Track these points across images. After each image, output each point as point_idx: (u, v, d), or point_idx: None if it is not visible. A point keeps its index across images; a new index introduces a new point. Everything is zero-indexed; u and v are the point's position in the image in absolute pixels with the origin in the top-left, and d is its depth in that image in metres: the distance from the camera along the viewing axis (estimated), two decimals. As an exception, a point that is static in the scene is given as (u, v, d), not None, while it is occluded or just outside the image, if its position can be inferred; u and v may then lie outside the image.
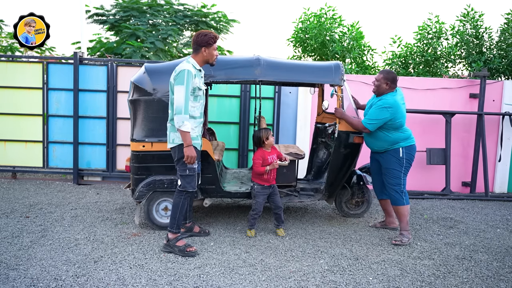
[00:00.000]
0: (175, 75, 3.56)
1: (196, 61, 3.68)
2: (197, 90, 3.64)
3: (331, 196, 4.73)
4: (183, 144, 3.54)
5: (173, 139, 3.63)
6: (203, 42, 3.62)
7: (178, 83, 3.50)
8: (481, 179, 6.62)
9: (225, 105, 6.68)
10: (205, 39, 3.62)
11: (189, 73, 3.50)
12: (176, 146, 3.62)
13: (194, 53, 3.69)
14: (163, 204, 4.33)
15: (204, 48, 3.64)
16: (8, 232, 4.13)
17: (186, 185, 3.65)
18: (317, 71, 4.56)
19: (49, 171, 6.75)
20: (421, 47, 8.66)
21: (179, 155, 3.62)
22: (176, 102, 3.48)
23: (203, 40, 3.62)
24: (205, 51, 3.66)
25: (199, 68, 3.71)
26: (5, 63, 6.66)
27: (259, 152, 4.24)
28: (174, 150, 3.66)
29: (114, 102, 6.57)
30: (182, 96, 3.46)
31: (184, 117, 3.45)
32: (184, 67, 3.53)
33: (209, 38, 3.63)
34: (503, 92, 6.73)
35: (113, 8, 11.88)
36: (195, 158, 3.55)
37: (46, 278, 3.15)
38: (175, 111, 3.47)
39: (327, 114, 5.33)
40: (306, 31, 9.10)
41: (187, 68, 3.52)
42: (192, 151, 3.52)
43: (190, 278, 3.22)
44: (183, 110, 3.45)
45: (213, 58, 3.73)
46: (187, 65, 3.57)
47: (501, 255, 3.96)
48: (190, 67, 3.57)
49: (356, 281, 3.28)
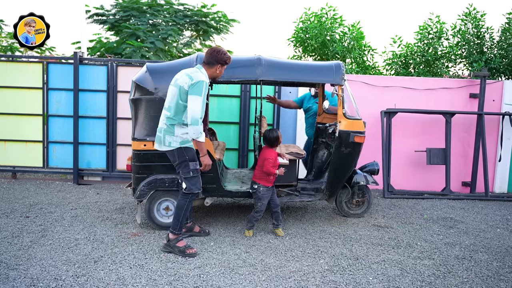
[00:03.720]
0: (191, 82, 3.51)
1: (207, 74, 3.69)
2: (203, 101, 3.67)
3: (332, 196, 4.73)
4: (183, 148, 3.58)
5: (170, 142, 3.61)
6: (221, 60, 3.66)
7: (195, 93, 3.48)
8: (481, 179, 6.61)
9: (225, 105, 6.68)
10: (224, 58, 3.66)
11: (206, 85, 3.55)
12: (174, 149, 3.62)
13: (207, 66, 3.68)
14: (164, 203, 4.33)
15: (219, 65, 3.68)
16: (8, 232, 4.13)
17: (192, 187, 3.66)
18: (318, 71, 4.56)
19: (49, 171, 6.75)
20: (421, 47, 8.66)
21: (180, 159, 3.62)
22: (192, 113, 3.46)
23: (221, 59, 3.65)
24: (218, 69, 3.70)
25: (209, 81, 3.73)
26: (5, 63, 6.66)
27: (274, 153, 4.22)
28: (172, 153, 3.65)
29: (114, 102, 6.57)
30: (199, 107, 3.47)
31: (200, 127, 3.48)
32: (202, 78, 3.53)
33: (227, 58, 3.68)
34: (503, 92, 6.72)
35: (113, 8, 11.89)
36: (211, 165, 3.65)
37: (46, 278, 3.15)
38: (191, 122, 3.46)
39: (327, 114, 5.32)
40: (306, 31, 9.09)
41: (205, 80, 3.54)
42: (209, 159, 3.63)
43: (190, 278, 3.22)
44: (199, 121, 3.47)
45: (219, 76, 3.80)
46: (203, 76, 3.58)
47: (501, 255, 3.96)
48: (207, 79, 3.60)
49: (356, 281, 3.28)
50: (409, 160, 6.76)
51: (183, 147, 3.60)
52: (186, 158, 3.61)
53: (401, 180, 6.74)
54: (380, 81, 6.77)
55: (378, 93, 6.70)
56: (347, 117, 4.46)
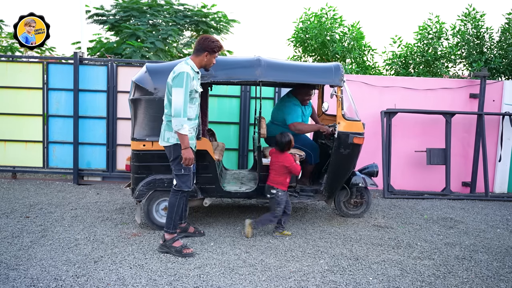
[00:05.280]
0: (173, 76, 3.55)
1: (194, 63, 3.67)
2: (194, 92, 3.64)
3: (331, 197, 4.73)
4: (179, 144, 3.56)
5: (168, 138, 3.63)
6: (208, 47, 3.62)
7: (176, 85, 3.49)
8: (481, 179, 6.61)
9: (225, 105, 6.68)
10: (211, 46, 3.62)
11: (188, 76, 3.50)
12: (171, 145, 3.63)
13: (195, 54, 3.68)
14: (163, 204, 4.33)
15: (207, 53, 3.64)
16: (8, 232, 4.13)
17: (182, 185, 3.66)
18: (317, 72, 4.56)
19: (49, 171, 6.75)
20: (421, 47, 8.66)
21: (174, 155, 3.63)
22: (174, 105, 3.47)
23: (208, 46, 3.62)
24: (206, 57, 3.66)
25: (197, 70, 3.70)
26: (5, 63, 6.66)
27: (291, 157, 4.25)
28: (169, 149, 3.66)
29: (114, 102, 6.57)
30: (181, 99, 3.46)
31: (182, 120, 3.45)
32: (183, 69, 3.52)
33: (214, 46, 3.63)
34: (503, 92, 6.73)
35: (113, 8, 11.88)
36: (193, 160, 3.56)
37: (46, 278, 3.15)
38: (174, 114, 3.46)
39: (327, 116, 5.33)
40: (306, 31, 9.10)
41: (186, 70, 3.51)
42: (190, 153, 3.53)
43: (190, 278, 3.22)
44: (182, 113, 3.45)
45: (211, 65, 3.76)
46: (186, 67, 3.56)
47: (501, 255, 3.96)
48: (189, 69, 3.56)
49: (356, 281, 3.28)
50: (409, 160, 6.76)
51: (179, 144, 3.60)
52: (179, 154, 3.60)
53: (401, 180, 6.74)
54: (380, 81, 6.77)
55: (378, 93, 6.70)
56: (346, 118, 4.46)
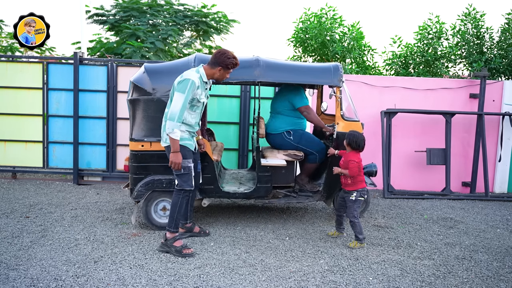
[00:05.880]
0: (179, 80, 3.54)
1: (206, 73, 3.65)
2: (196, 101, 3.63)
3: (329, 197, 4.71)
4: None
5: (166, 138, 3.63)
6: (223, 63, 3.59)
7: (179, 90, 3.49)
8: (481, 179, 6.61)
9: (225, 105, 6.68)
10: (226, 62, 3.59)
11: (193, 84, 3.49)
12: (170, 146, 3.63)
13: (209, 66, 3.64)
14: (162, 204, 4.32)
15: (221, 68, 3.62)
16: (8, 232, 4.13)
17: (183, 184, 3.66)
18: (316, 72, 4.55)
19: (49, 171, 6.75)
20: (421, 47, 8.66)
21: None
22: (172, 108, 3.47)
23: (223, 61, 3.59)
24: (220, 71, 3.64)
25: (206, 80, 3.67)
26: (5, 63, 6.66)
27: (360, 157, 4.08)
28: (168, 149, 3.66)
29: (114, 102, 6.57)
30: (179, 104, 3.46)
31: (176, 124, 3.45)
32: (190, 76, 3.51)
33: (229, 63, 3.60)
34: (503, 92, 6.73)
35: (113, 8, 11.89)
36: (180, 164, 3.53)
37: (46, 278, 3.15)
38: (169, 117, 3.47)
39: (325, 115, 5.32)
40: (306, 31, 9.10)
41: (193, 78, 3.50)
42: (178, 157, 3.52)
43: (190, 278, 3.22)
44: (176, 117, 3.45)
45: (223, 79, 3.73)
46: (194, 74, 3.55)
47: (501, 255, 3.96)
48: (196, 77, 3.54)
49: (356, 281, 3.28)
50: (409, 160, 6.76)
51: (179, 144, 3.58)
52: None
53: (401, 180, 6.74)
54: (380, 81, 6.77)
55: (378, 93, 6.70)
56: (345, 118, 4.46)
